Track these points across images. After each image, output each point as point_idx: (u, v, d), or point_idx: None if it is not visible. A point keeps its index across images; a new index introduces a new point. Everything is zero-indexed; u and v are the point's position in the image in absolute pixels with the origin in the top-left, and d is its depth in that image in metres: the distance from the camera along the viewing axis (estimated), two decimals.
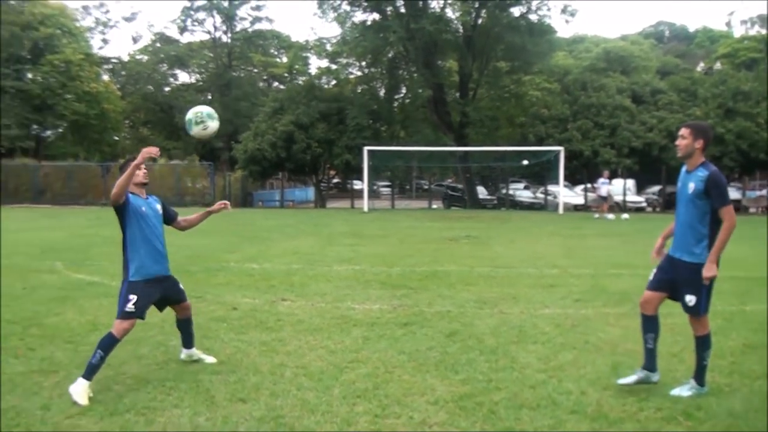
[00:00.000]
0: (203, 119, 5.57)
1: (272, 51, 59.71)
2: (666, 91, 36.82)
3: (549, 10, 36.73)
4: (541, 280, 10.82)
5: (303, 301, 8.89)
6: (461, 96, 38.67)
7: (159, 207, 5.68)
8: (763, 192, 38.64)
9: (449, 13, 36.86)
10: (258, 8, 54.99)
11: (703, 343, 5.15)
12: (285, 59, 55.80)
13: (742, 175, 38.68)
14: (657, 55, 52.02)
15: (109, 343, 5.18)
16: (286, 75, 54.13)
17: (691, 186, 5.02)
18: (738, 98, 33.81)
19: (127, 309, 5.23)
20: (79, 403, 4.92)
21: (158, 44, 58.65)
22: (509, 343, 6.70)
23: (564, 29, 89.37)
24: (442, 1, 37.29)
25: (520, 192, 40.83)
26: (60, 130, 49.18)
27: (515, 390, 5.27)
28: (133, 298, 5.26)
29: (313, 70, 47.04)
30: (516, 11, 36.77)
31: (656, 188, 37.14)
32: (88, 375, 5.08)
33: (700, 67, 47.58)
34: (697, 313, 5.07)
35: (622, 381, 5.22)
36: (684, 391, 5.13)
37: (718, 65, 43.77)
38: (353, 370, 5.78)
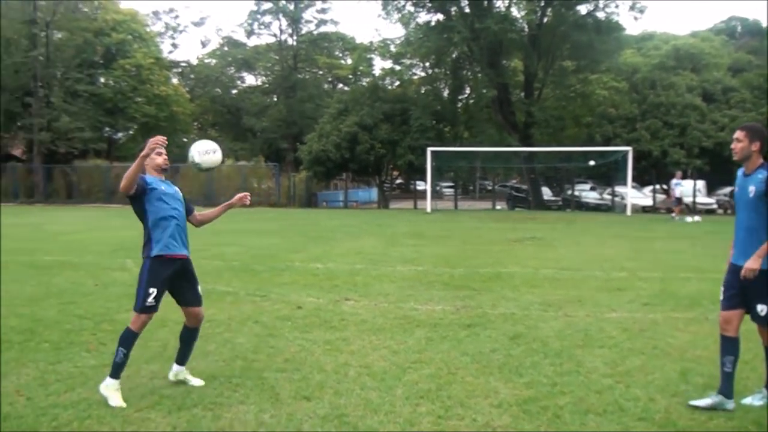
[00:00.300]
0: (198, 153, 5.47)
1: (337, 53, 60.18)
2: (738, 89, 35.73)
3: (617, 7, 36.01)
4: (607, 283, 10.62)
5: (366, 301, 8.93)
6: (526, 96, 38.29)
7: (179, 191, 5.51)
8: None
9: (514, 12, 36.50)
10: (323, 11, 55.54)
11: None
12: (349, 61, 56.19)
13: None
14: (728, 52, 50.27)
15: (130, 338, 5.11)
16: (350, 76, 54.45)
17: (752, 189, 4.81)
18: None
19: (147, 303, 5.07)
20: (112, 404, 4.92)
21: (226, 47, 59.80)
22: (575, 347, 6.59)
23: (632, 26, 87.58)
24: (507, 1, 37.00)
25: (586, 193, 40.11)
26: (131, 132, 50.68)
27: (581, 395, 5.18)
28: (153, 291, 5.07)
29: (377, 71, 47.23)
30: (583, 9, 36.19)
31: (727, 189, 36.01)
32: (116, 374, 5.07)
33: None
34: None
35: (694, 402, 4.95)
36: (756, 400, 4.94)
37: None
38: (416, 371, 5.78)
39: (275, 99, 57.80)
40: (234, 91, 60.69)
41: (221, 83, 59.33)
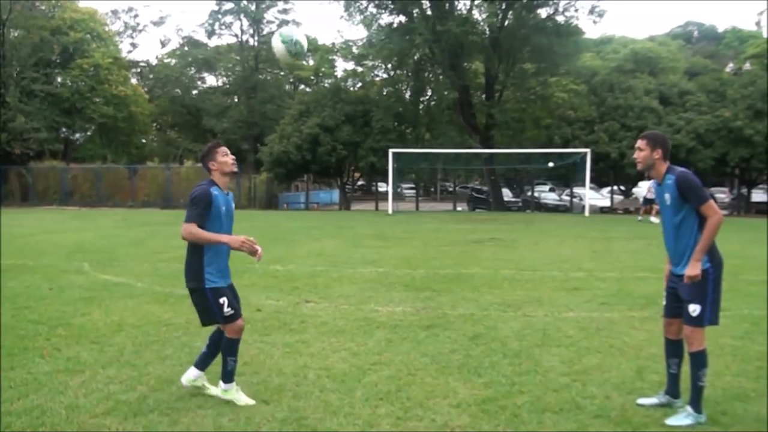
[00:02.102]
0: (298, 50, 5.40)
1: None
2: (694, 93, 36.39)
3: (576, 11, 36.59)
4: (566, 283, 10.75)
5: (327, 303, 8.91)
6: (487, 98, 38.54)
7: (233, 206, 5.36)
8: None
9: (476, 14, 36.76)
10: (285, 11, 55.17)
11: (699, 361, 4.73)
12: (311, 62, 56.06)
13: None
14: (685, 56, 51.32)
15: (232, 346, 5.04)
16: (312, 78, 54.26)
17: (667, 197, 4.82)
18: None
19: (225, 314, 4.96)
20: (247, 402, 4.99)
21: (186, 48, 59.11)
22: (533, 347, 6.66)
23: (591, 30, 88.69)
24: (469, 3, 37.25)
25: (546, 194, 40.59)
26: (88, 133, 49.81)
27: (538, 393, 5.24)
28: (224, 300, 4.96)
29: (339, 73, 47.17)
30: (543, 12, 36.58)
31: None
32: (230, 378, 5.05)
33: (729, 67, 46.91)
34: (700, 323, 4.69)
35: (642, 401, 5.05)
36: (681, 419, 4.70)
37: (747, 66, 43.01)
38: (376, 373, 5.78)
39: (236, 100, 57.33)
40: (194, 92, 59.99)
41: (181, 83, 58.64)
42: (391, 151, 33.25)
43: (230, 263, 5.23)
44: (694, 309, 4.70)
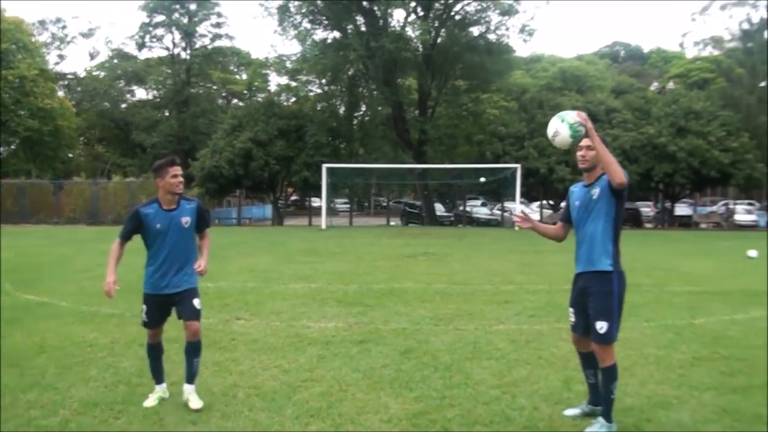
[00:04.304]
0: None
1: (232, 68, 59.35)
2: (620, 110, 37.47)
3: (507, 29, 37.23)
4: (496, 296, 10.88)
5: (258, 320, 8.79)
6: (420, 114, 38.93)
7: (187, 219, 5.38)
8: (714, 208, 39.70)
9: (409, 32, 37.09)
10: (218, 25, 54.62)
11: (610, 375, 4.74)
12: (244, 76, 55.59)
13: (694, 192, 39.48)
14: (612, 75, 52.97)
15: (148, 350, 5.60)
16: (245, 92, 53.86)
17: (595, 191, 4.78)
18: (690, 117, 34.54)
19: (142, 319, 5.48)
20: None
21: (115, 60, 57.89)
22: (464, 360, 6.70)
23: (522, 49, 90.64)
24: (402, 20, 37.61)
25: (478, 209, 41.16)
26: (12, 147, 48.15)
27: (469, 407, 5.26)
28: (144, 308, 5.43)
29: (272, 88, 46.96)
30: (475, 31, 37.27)
31: None
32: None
33: (654, 86, 48.53)
34: (609, 340, 4.71)
35: (568, 412, 5.11)
36: (594, 429, 4.73)
37: (671, 85, 44.66)
38: (307, 390, 5.73)
39: (167, 114, 56.40)
40: (123, 105, 58.80)
41: (110, 97, 57.37)
42: (324, 166, 33.21)
43: None
44: (601, 326, 4.71)
